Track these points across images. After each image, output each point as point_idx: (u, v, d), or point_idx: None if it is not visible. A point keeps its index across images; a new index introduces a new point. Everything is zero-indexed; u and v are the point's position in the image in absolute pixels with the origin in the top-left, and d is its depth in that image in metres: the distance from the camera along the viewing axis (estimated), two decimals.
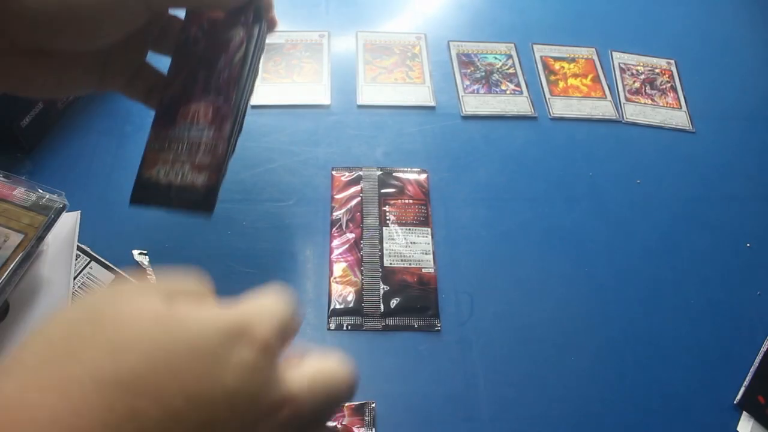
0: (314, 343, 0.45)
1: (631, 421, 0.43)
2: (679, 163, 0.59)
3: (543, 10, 0.70)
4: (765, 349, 0.47)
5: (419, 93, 0.60)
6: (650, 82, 0.65)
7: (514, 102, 0.61)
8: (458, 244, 0.50)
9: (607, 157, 0.58)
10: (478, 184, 0.55)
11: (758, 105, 0.65)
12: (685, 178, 0.58)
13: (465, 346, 0.45)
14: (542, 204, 0.54)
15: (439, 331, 0.46)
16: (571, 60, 0.66)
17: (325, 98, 0.59)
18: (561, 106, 0.61)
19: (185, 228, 0.48)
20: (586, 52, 0.67)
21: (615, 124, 0.61)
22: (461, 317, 0.47)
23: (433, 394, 0.43)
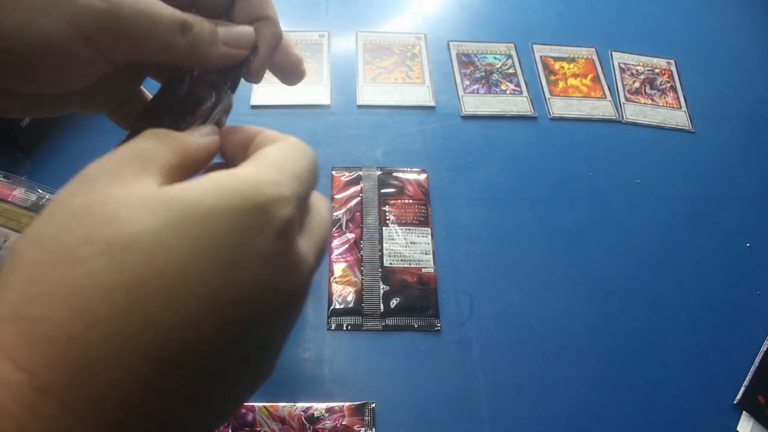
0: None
1: (631, 421, 0.43)
2: (679, 163, 0.59)
3: (543, 10, 0.70)
4: (765, 349, 0.47)
5: (419, 93, 0.60)
6: (650, 82, 0.65)
7: (514, 102, 0.61)
8: (458, 244, 0.50)
9: (607, 157, 0.58)
10: (478, 184, 0.55)
11: (758, 105, 0.65)
12: (685, 178, 0.58)
13: (465, 346, 0.45)
14: (542, 204, 0.54)
15: (439, 331, 0.46)
16: (571, 60, 0.66)
17: (325, 98, 0.59)
18: (561, 106, 0.61)
19: None
20: (586, 52, 0.67)
21: (615, 124, 0.61)
22: (461, 317, 0.47)
23: (433, 394, 0.43)
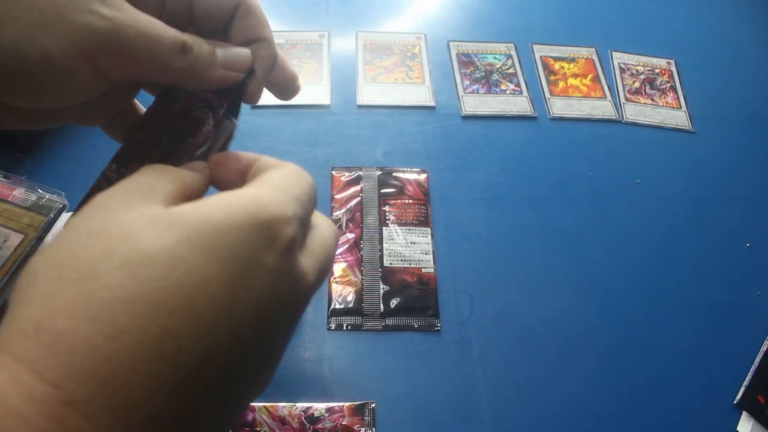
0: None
1: (631, 421, 0.43)
2: (679, 163, 0.59)
3: (543, 10, 0.70)
4: (765, 349, 0.47)
5: (419, 93, 0.60)
6: (650, 82, 0.65)
7: (513, 102, 0.61)
8: (458, 244, 0.50)
9: (607, 157, 0.58)
10: (478, 184, 0.55)
11: (758, 105, 0.65)
12: (685, 178, 0.58)
13: (465, 346, 0.45)
14: (542, 204, 0.54)
15: (439, 331, 0.46)
16: (571, 60, 0.66)
17: (325, 98, 0.59)
18: (561, 106, 0.61)
19: None
20: (586, 52, 0.67)
21: (615, 124, 0.61)
22: (461, 317, 0.47)
23: (433, 394, 0.43)
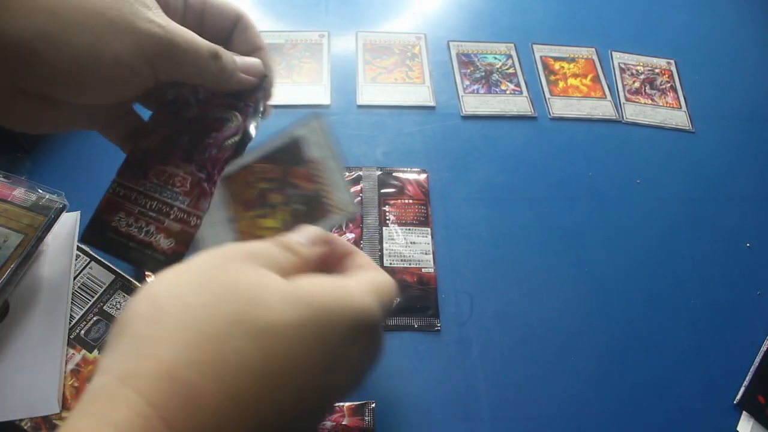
0: None
1: (631, 421, 0.43)
2: (679, 163, 0.59)
3: (543, 10, 0.70)
4: (765, 349, 0.47)
5: (419, 93, 0.60)
6: (650, 82, 0.65)
7: (513, 102, 0.61)
8: (458, 244, 0.50)
9: (607, 157, 0.58)
10: (478, 184, 0.55)
11: (758, 105, 0.65)
12: (685, 178, 0.58)
13: (465, 346, 0.45)
14: (542, 204, 0.54)
15: (439, 331, 0.46)
16: (571, 60, 0.66)
17: (325, 98, 0.59)
18: (561, 106, 0.61)
19: None
20: (586, 52, 0.67)
21: (615, 124, 0.61)
22: (461, 317, 0.47)
23: (433, 394, 0.43)
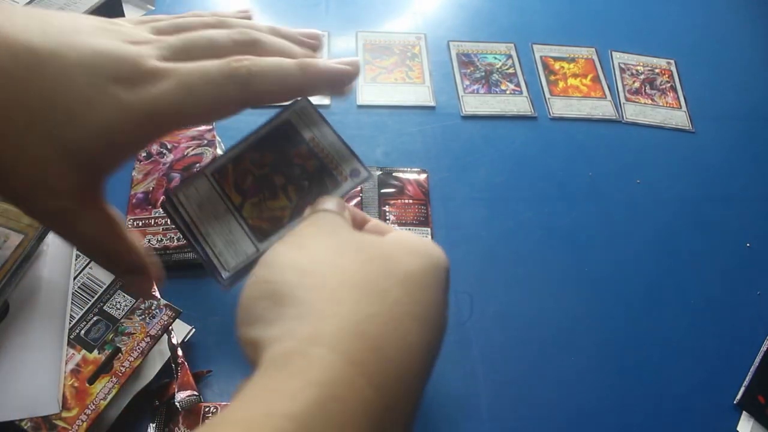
0: None
1: (631, 421, 0.43)
2: (679, 163, 0.59)
3: (543, 10, 0.70)
4: (765, 349, 0.47)
5: (419, 93, 0.60)
6: (650, 82, 0.65)
7: (513, 102, 0.61)
8: (458, 244, 0.50)
9: (607, 157, 0.58)
10: (478, 184, 0.55)
11: (758, 105, 0.65)
12: (685, 178, 0.58)
13: (465, 346, 0.45)
14: (542, 204, 0.54)
15: None
16: (571, 60, 0.66)
17: (325, 98, 0.59)
18: (561, 106, 0.61)
19: None
20: (586, 52, 0.67)
21: (615, 124, 0.61)
22: (461, 317, 0.47)
23: (433, 394, 0.43)
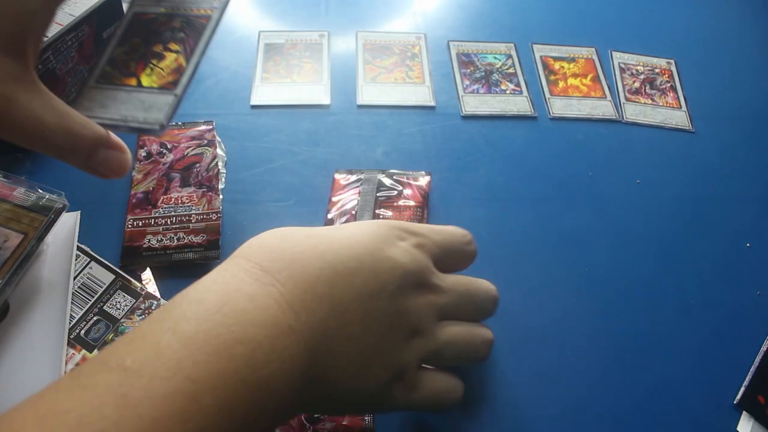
0: None
1: (631, 421, 0.43)
2: (679, 163, 0.59)
3: (543, 10, 0.70)
4: (765, 349, 0.47)
5: (419, 93, 0.60)
6: (650, 82, 0.65)
7: (513, 102, 0.61)
8: None
9: (607, 157, 0.58)
10: (478, 184, 0.55)
11: (758, 105, 0.65)
12: (685, 178, 0.58)
13: None
14: (542, 204, 0.54)
15: None
16: (571, 60, 0.66)
17: (325, 98, 0.59)
18: (561, 106, 0.61)
19: None
20: (586, 52, 0.67)
21: (615, 124, 0.61)
22: None
23: None
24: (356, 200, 0.51)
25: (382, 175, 0.52)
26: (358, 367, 0.29)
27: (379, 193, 0.51)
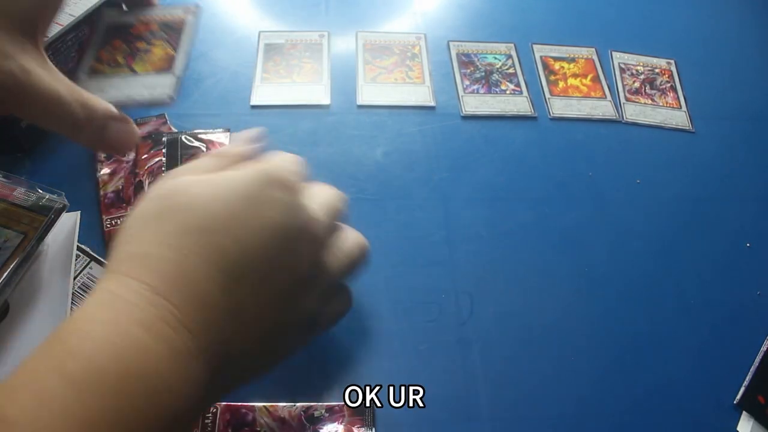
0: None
1: (631, 421, 0.43)
2: (679, 163, 0.59)
3: (543, 10, 0.70)
4: (765, 349, 0.47)
5: (419, 93, 0.60)
6: (650, 82, 0.65)
7: (513, 102, 0.61)
8: (458, 245, 0.50)
9: (607, 157, 0.58)
10: (478, 184, 0.55)
11: (758, 105, 0.65)
12: (685, 178, 0.58)
13: (465, 346, 0.45)
14: (542, 204, 0.54)
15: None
16: (571, 60, 0.66)
17: (325, 98, 0.59)
18: (561, 106, 0.61)
19: None
20: (586, 52, 0.67)
21: (615, 124, 0.61)
22: (461, 317, 0.47)
23: (433, 394, 0.43)
24: (162, 159, 0.50)
25: (185, 136, 0.53)
26: (272, 344, 0.29)
27: (185, 151, 0.52)
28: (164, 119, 0.54)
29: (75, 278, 0.43)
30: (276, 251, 0.27)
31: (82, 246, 0.45)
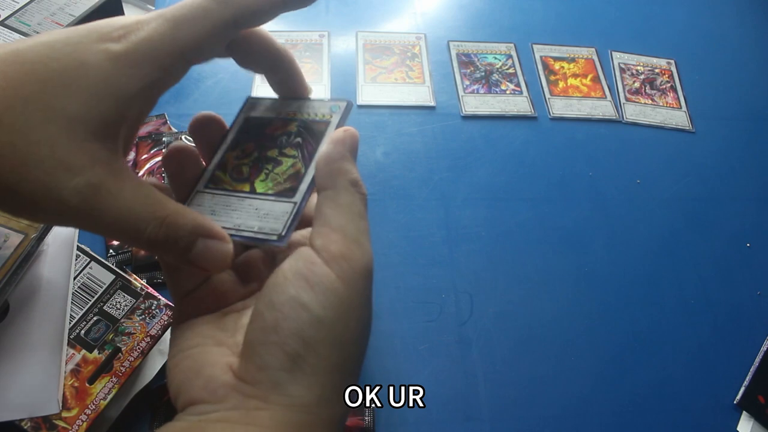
0: None
1: (631, 421, 0.43)
2: (679, 163, 0.59)
3: (543, 10, 0.70)
4: (765, 349, 0.47)
5: (419, 93, 0.60)
6: (650, 82, 0.65)
7: (513, 102, 0.61)
8: (458, 244, 0.50)
9: (607, 157, 0.58)
10: (478, 184, 0.55)
11: (758, 105, 0.65)
12: (685, 178, 0.58)
13: (465, 346, 0.45)
14: (542, 204, 0.54)
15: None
16: (571, 60, 0.66)
17: (325, 98, 0.59)
18: (561, 106, 0.61)
19: None
20: (586, 52, 0.67)
21: (615, 124, 0.61)
22: (461, 317, 0.47)
23: (433, 394, 0.43)
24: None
25: (184, 136, 0.52)
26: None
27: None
28: (164, 119, 0.54)
29: (75, 278, 0.43)
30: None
31: (82, 246, 0.45)
